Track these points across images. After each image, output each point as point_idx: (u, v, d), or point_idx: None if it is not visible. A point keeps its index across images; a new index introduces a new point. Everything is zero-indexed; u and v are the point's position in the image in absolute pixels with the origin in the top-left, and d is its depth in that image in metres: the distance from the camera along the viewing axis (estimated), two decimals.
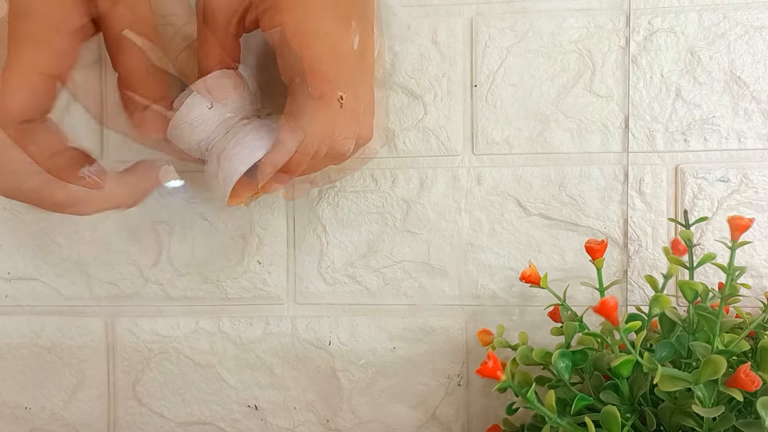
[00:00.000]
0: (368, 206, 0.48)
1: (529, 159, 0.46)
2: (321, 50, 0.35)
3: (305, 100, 0.35)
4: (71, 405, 0.50)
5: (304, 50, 0.35)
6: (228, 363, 0.49)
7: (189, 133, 0.39)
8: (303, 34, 0.35)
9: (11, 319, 0.50)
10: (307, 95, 0.35)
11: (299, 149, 0.35)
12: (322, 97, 0.35)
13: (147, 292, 0.49)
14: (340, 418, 0.49)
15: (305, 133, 0.35)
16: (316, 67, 0.35)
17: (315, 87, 0.35)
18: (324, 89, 0.35)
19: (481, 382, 0.48)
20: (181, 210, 0.49)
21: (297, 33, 0.35)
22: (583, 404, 0.35)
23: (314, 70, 0.35)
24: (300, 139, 0.35)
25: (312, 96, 0.35)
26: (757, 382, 0.30)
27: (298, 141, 0.35)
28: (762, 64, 0.45)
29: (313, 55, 0.35)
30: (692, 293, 0.36)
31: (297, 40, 0.35)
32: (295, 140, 0.35)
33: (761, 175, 0.45)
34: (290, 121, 0.35)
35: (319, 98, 0.35)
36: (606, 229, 0.46)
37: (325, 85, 0.35)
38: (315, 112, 0.35)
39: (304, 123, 0.35)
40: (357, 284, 0.48)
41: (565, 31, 0.46)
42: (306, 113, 0.35)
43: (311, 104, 0.35)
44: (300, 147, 0.35)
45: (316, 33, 0.36)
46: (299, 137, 0.35)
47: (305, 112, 0.35)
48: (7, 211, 0.50)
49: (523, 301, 0.47)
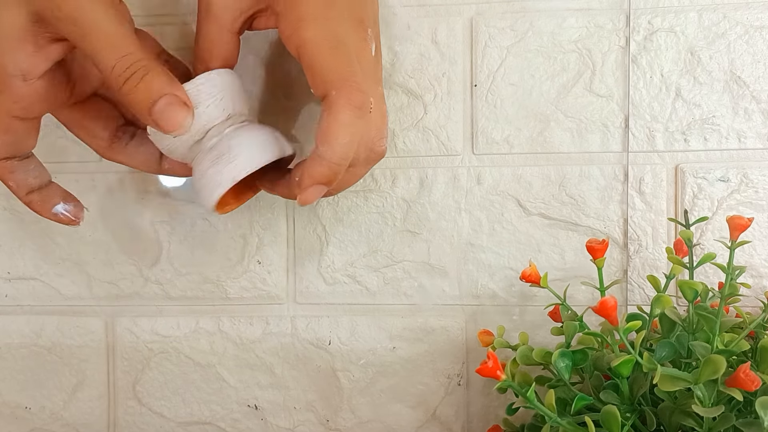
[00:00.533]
0: (368, 206, 0.48)
1: (529, 159, 0.46)
2: (350, 61, 0.36)
3: (344, 112, 0.35)
4: (71, 405, 0.50)
5: (335, 61, 0.35)
6: (228, 363, 0.49)
7: (173, 153, 0.39)
8: (331, 46, 0.35)
9: (11, 319, 0.50)
10: (346, 107, 0.35)
11: (337, 161, 0.35)
12: (360, 108, 0.35)
13: (147, 292, 0.49)
14: (340, 418, 0.49)
15: (342, 145, 0.35)
16: (351, 78, 0.35)
17: (353, 98, 0.35)
18: (361, 100, 0.35)
19: (481, 382, 0.48)
20: (181, 210, 0.49)
21: (325, 45, 0.35)
22: (583, 404, 0.35)
23: (350, 81, 0.35)
24: (340, 151, 0.35)
25: (349, 107, 0.35)
26: (756, 381, 0.30)
27: (338, 153, 0.35)
28: (762, 64, 0.45)
29: (345, 65, 0.35)
30: (692, 293, 0.36)
31: (326, 52, 0.35)
32: (334, 153, 0.35)
33: (761, 175, 0.45)
34: (328, 134, 0.35)
35: (358, 108, 0.35)
36: (606, 229, 0.46)
37: (360, 95, 0.35)
38: (355, 123, 0.35)
39: (341, 135, 0.35)
40: (357, 284, 0.48)
41: (565, 30, 0.46)
42: (346, 124, 0.35)
43: (350, 115, 0.35)
44: (338, 159, 0.35)
45: (344, 43, 0.36)
46: (338, 150, 0.35)
47: (346, 123, 0.35)
48: (7, 211, 0.50)
49: (523, 300, 0.47)
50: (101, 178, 0.49)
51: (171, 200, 0.49)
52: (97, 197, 0.49)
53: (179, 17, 0.47)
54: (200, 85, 0.37)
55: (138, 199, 0.49)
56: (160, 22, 0.47)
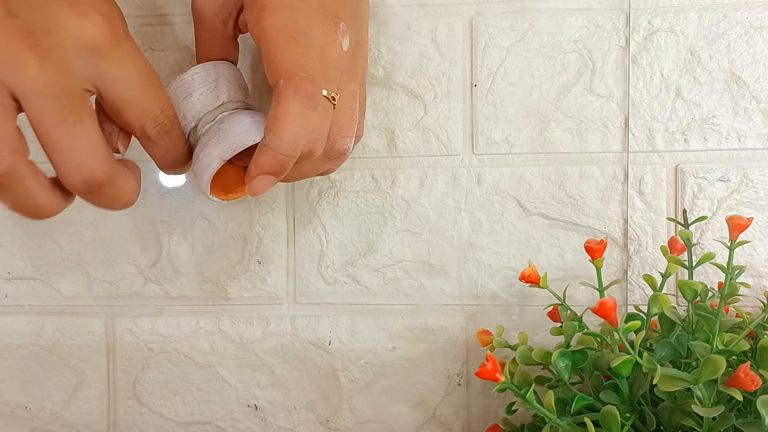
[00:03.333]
0: (368, 206, 0.48)
1: (529, 159, 0.46)
2: (306, 51, 0.35)
3: (292, 102, 0.34)
4: (71, 405, 0.50)
5: (290, 51, 0.34)
6: (228, 363, 0.49)
7: None
8: (289, 36, 0.34)
9: (11, 319, 0.50)
10: (293, 97, 0.34)
11: (284, 151, 0.34)
12: (309, 99, 0.34)
13: (147, 292, 0.49)
14: (340, 417, 0.49)
15: (290, 135, 0.34)
16: (302, 69, 0.34)
17: (302, 89, 0.34)
18: (311, 91, 0.34)
19: (481, 382, 0.48)
20: (181, 210, 0.49)
21: (282, 34, 0.34)
22: (582, 404, 0.35)
23: (300, 72, 0.34)
24: (287, 141, 0.34)
25: (298, 97, 0.34)
26: (756, 381, 0.30)
27: (285, 143, 0.34)
28: (762, 64, 0.45)
29: (299, 56, 0.34)
30: (691, 293, 0.36)
31: (282, 41, 0.34)
32: (281, 143, 0.34)
33: (761, 175, 0.45)
34: (275, 124, 0.34)
35: (307, 99, 0.34)
36: (606, 229, 0.46)
37: (311, 87, 0.34)
38: (305, 114, 0.34)
39: (289, 125, 0.34)
40: (357, 284, 0.48)
41: (565, 30, 0.46)
42: (294, 115, 0.34)
43: (298, 106, 0.34)
44: (284, 149, 0.34)
45: (303, 34, 0.35)
46: (285, 140, 0.34)
47: (293, 113, 0.34)
48: (7, 210, 0.49)
49: (523, 300, 0.47)
50: None
51: (171, 200, 0.49)
52: None
53: (179, 17, 0.47)
54: (195, 75, 0.38)
55: (138, 199, 0.49)
56: (160, 23, 0.47)
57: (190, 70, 0.38)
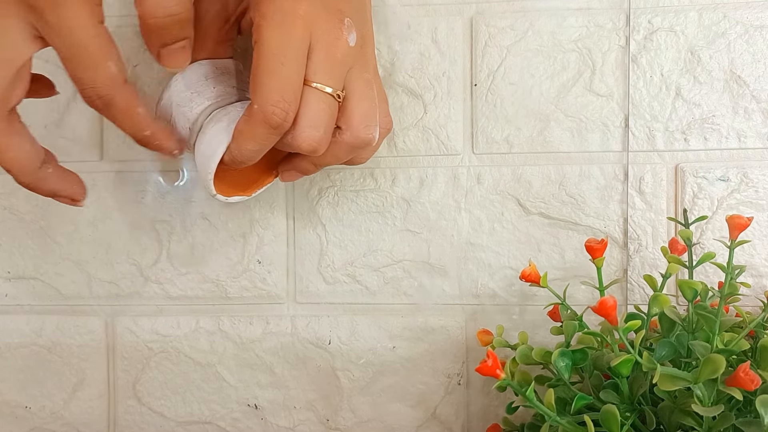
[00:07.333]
0: (368, 205, 0.48)
1: (529, 158, 0.46)
2: (288, 83, 0.36)
3: (258, 126, 0.36)
4: (71, 404, 0.50)
5: (272, 83, 0.35)
6: (228, 362, 0.49)
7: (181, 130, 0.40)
8: (278, 62, 0.35)
9: (11, 319, 0.50)
10: (261, 123, 0.35)
11: (242, 161, 0.37)
12: (276, 128, 0.36)
13: (147, 292, 0.49)
14: (340, 417, 0.49)
15: (248, 151, 0.37)
16: (276, 102, 0.35)
17: (270, 120, 0.35)
18: (277, 122, 0.35)
19: (481, 382, 0.48)
20: (181, 210, 0.49)
21: (273, 59, 0.35)
22: (582, 403, 0.35)
23: (274, 105, 0.35)
24: (246, 155, 0.37)
25: (264, 125, 0.36)
26: (756, 381, 0.30)
27: (243, 155, 0.37)
28: (762, 64, 0.45)
29: (278, 90, 0.35)
30: (692, 292, 0.36)
31: (270, 69, 0.35)
32: (239, 154, 0.37)
33: (761, 175, 0.45)
34: (238, 137, 0.36)
35: (273, 129, 0.36)
36: (606, 229, 0.46)
37: (279, 118, 0.35)
38: (265, 137, 0.36)
39: (249, 143, 0.36)
40: (357, 283, 0.48)
41: (565, 30, 0.46)
42: (257, 137, 0.36)
43: (262, 131, 0.36)
44: (242, 159, 0.37)
45: (294, 59, 0.35)
46: (244, 153, 0.37)
47: (257, 135, 0.36)
48: (7, 210, 0.50)
49: (523, 300, 0.47)
50: (101, 177, 0.49)
51: (171, 200, 0.49)
52: (97, 197, 0.49)
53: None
54: (191, 72, 0.39)
55: (138, 199, 0.49)
56: None
57: (187, 68, 0.39)
